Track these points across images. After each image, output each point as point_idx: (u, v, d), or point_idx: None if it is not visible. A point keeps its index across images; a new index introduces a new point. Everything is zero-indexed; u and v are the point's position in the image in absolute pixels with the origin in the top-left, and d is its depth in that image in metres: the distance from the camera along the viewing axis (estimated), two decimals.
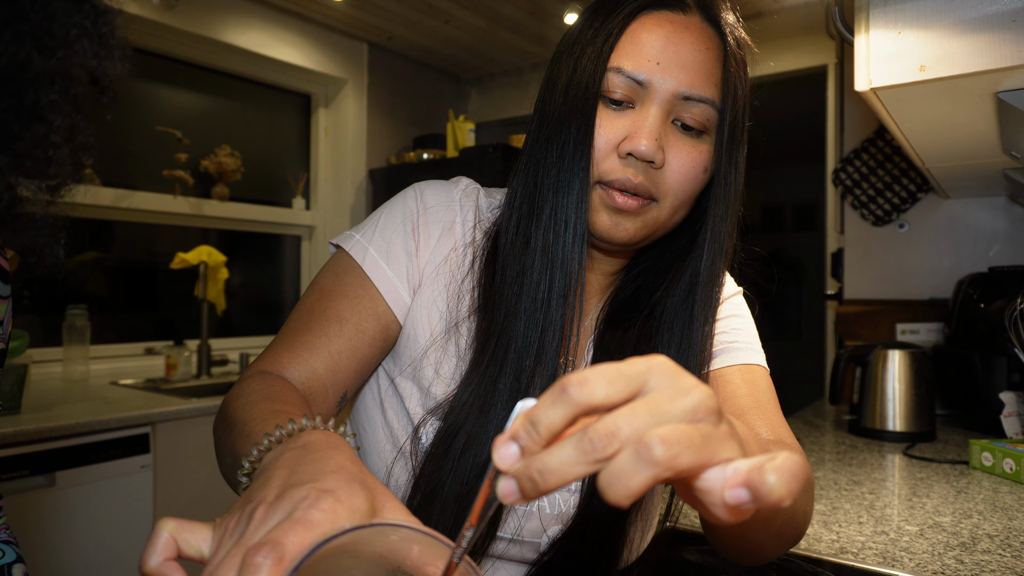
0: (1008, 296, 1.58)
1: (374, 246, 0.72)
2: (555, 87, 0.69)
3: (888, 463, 1.41)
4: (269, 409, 0.54)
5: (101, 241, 2.62)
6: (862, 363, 1.69)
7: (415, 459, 0.69)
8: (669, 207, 0.68)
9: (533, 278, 0.67)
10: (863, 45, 0.89)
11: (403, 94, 3.46)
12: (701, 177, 0.68)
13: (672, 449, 0.29)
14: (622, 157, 0.65)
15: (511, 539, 0.71)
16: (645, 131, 0.64)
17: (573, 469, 0.31)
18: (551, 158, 0.67)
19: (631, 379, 0.32)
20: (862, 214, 2.18)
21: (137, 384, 2.33)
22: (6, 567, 0.67)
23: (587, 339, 0.77)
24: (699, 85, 0.66)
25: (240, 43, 2.76)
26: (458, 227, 0.74)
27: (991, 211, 2.01)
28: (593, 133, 0.66)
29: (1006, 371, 1.60)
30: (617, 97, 0.66)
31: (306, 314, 0.70)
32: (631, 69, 0.65)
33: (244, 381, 0.64)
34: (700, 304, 0.71)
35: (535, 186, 0.69)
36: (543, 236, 0.67)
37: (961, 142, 1.26)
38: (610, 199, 0.66)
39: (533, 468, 0.31)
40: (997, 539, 0.97)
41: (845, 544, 0.96)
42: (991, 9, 0.79)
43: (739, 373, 0.75)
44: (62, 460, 1.68)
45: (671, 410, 0.31)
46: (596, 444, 0.30)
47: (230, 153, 2.82)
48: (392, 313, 0.72)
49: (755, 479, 0.30)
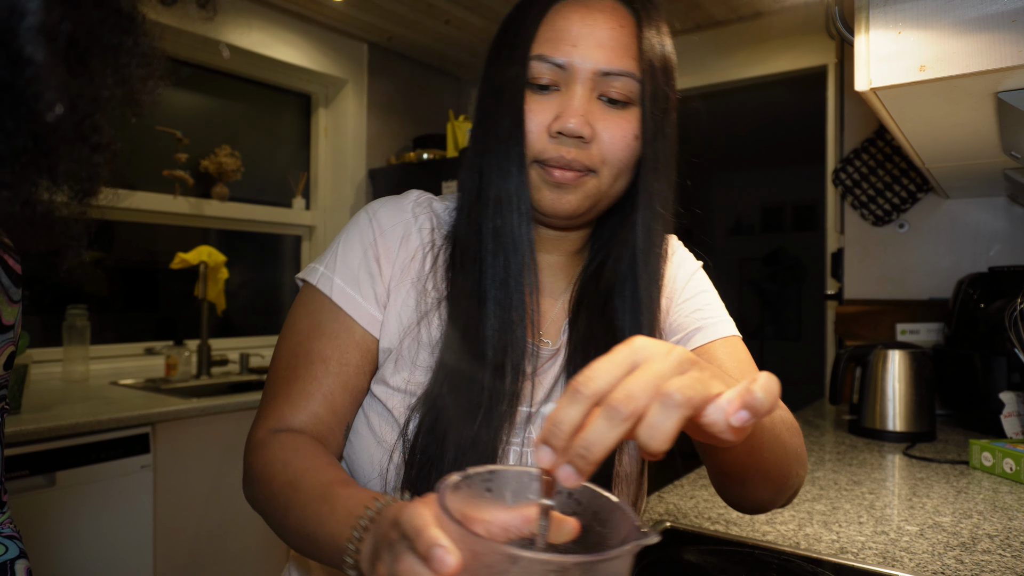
0: (1008, 296, 1.58)
1: (339, 275, 0.75)
2: (489, 83, 0.75)
3: (888, 463, 1.41)
4: (329, 491, 0.59)
5: (101, 241, 2.62)
6: (862, 363, 1.69)
7: (405, 457, 0.71)
8: (608, 176, 0.72)
9: (488, 261, 0.72)
10: (863, 45, 0.89)
11: (403, 94, 3.46)
12: (633, 145, 0.72)
13: (686, 392, 0.38)
14: (554, 136, 0.70)
15: None
16: (571, 110, 0.69)
17: (609, 434, 0.38)
18: (491, 147, 0.73)
19: (622, 362, 0.40)
20: (862, 214, 2.18)
21: (137, 384, 2.33)
22: (9, 563, 0.67)
23: (563, 320, 0.79)
24: (616, 60, 0.70)
25: (240, 43, 2.76)
26: (414, 235, 0.78)
27: (991, 211, 2.01)
28: (524, 118, 0.71)
29: (1006, 371, 1.60)
30: (544, 82, 0.71)
31: (292, 360, 0.74)
32: (551, 54, 0.70)
33: (266, 448, 0.68)
34: (642, 266, 0.75)
35: (480, 175, 0.74)
36: (492, 220, 0.72)
37: (961, 142, 1.26)
38: (548, 175, 0.71)
39: (578, 448, 0.38)
40: (997, 539, 0.97)
41: (845, 544, 0.96)
42: (991, 9, 0.79)
43: (721, 347, 0.81)
44: (62, 460, 1.68)
45: (663, 368, 0.40)
46: (619, 408, 0.38)
47: (230, 153, 2.82)
48: (369, 335, 0.75)
49: (748, 399, 0.39)
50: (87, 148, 0.34)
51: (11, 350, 0.69)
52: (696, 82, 3.33)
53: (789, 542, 0.96)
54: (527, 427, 0.76)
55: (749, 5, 2.99)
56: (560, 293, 0.81)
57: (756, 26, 3.13)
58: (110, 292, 2.66)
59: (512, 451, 0.74)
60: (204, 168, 2.78)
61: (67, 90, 0.31)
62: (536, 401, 0.76)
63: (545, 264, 0.81)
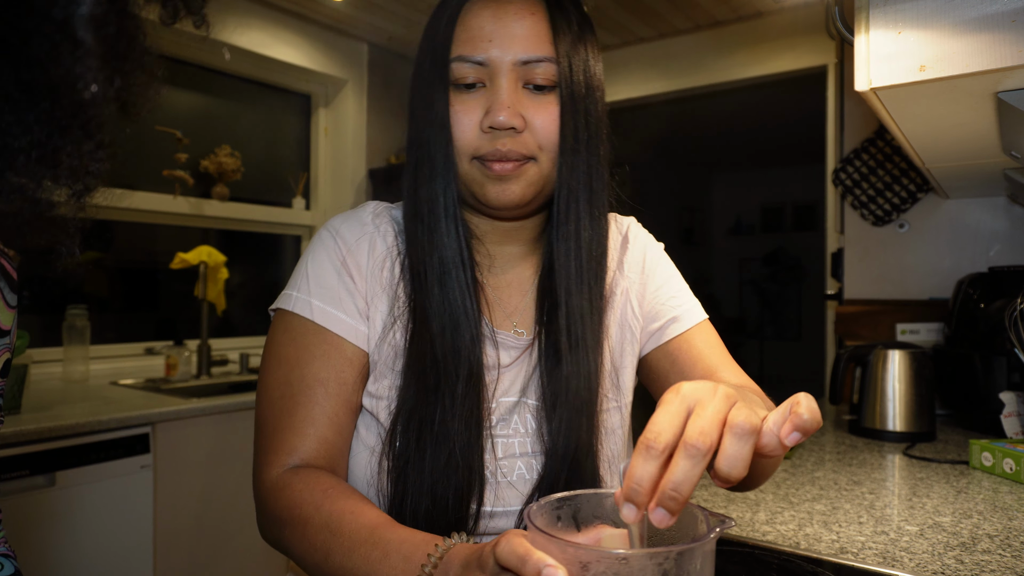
0: (1008, 296, 1.58)
1: (316, 297, 0.75)
2: (416, 88, 0.77)
3: (888, 463, 1.41)
4: (376, 536, 0.59)
5: (101, 241, 2.61)
6: (862, 363, 1.69)
7: (390, 464, 0.73)
8: (548, 161, 0.74)
9: (425, 261, 0.74)
10: (863, 45, 0.89)
11: (403, 94, 3.46)
12: None
13: (750, 420, 0.43)
14: (486, 132, 0.72)
15: (493, 512, 0.74)
16: (499, 103, 0.71)
17: (694, 472, 0.42)
18: (423, 152, 0.75)
19: (678, 411, 0.44)
20: (862, 214, 2.18)
21: (137, 384, 2.33)
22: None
23: (533, 310, 0.81)
24: (533, 48, 0.72)
25: (240, 43, 2.76)
26: (379, 244, 0.79)
27: (991, 211, 2.00)
28: (450, 120, 0.72)
29: (1006, 371, 1.60)
30: (469, 81, 0.73)
31: (286, 389, 0.73)
32: (470, 54, 0.72)
33: (288, 489, 0.67)
34: (574, 241, 0.76)
35: (415, 180, 0.76)
36: (426, 222, 0.75)
37: (961, 142, 1.26)
38: (488, 170, 0.72)
39: (667, 491, 0.42)
40: (997, 539, 0.97)
41: (845, 544, 0.96)
42: (991, 9, 0.79)
43: (697, 335, 0.84)
44: (62, 460, 1.68)
45: (719, 405, 0.44)
46: (698, 446, 0.42)
47: (230, 153, 2.82)
48: (359, 349, 0.76)
49: (798, 422, 0.44)
50: (92, 144, 0.34)
51: (7, 356, 0.69)
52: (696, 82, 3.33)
53: (789, 542, 0.96)
54: (513, 417, 0.76)
55: (749, 5, 3.00)
56: (529, 283, 0.82)
57: (756, 26, 3.13)
58: (110, 292, 2.66)
59: (500, 443, 0.75)
60: (204, 168, 2.78)
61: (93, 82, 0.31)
62: (516, 391, 0.77)
63: (508, 256, 0.82)
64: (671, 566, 0.41)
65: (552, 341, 0.76)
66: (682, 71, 3.37)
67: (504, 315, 0.80)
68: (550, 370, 0.76)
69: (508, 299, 0.81)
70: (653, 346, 0.85)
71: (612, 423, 0.80)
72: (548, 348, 0.77)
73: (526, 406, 0.77)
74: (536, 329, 0.79)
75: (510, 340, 0.79)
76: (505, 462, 0.75)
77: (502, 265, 0.82)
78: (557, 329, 0.76)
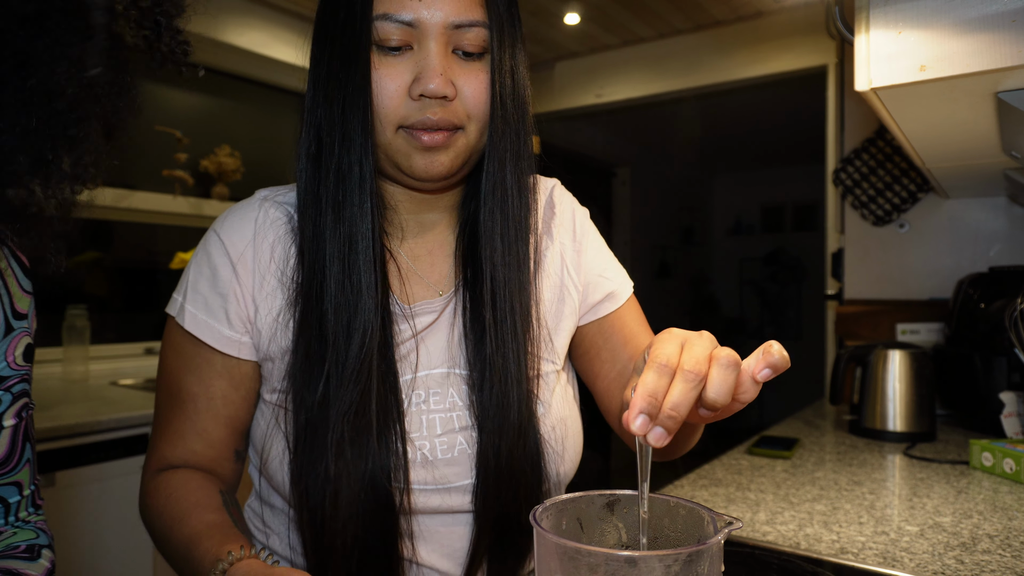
0: (1008, 296, 1.58)
1: (190, 303, 0.74)
2: (324, 47, 0.69)
3: (888, 463, 1.41)
4: (193, 532, 0.67)
5: (101, 241, 2.61)
6: (862, 363, 1.68)
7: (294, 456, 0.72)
8: (476, 130, 0.70)
9: (327, 238, 0.68)
10: (863, 45, 0.89)
11: None
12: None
13: (732, 355, 0.48)
14: (415, 99, 0.66)
15: (436, 488, 0.71)
16: (430, 70, 0.66)
17: (691, 394, 0.46)
18: (333, 116, 0.68)
19: (676, 343, 0.49)
20: (862, 214, 2.18)
21: (137, 384, 2.33)
22: (37, 547, 0.68)
23: (460, 273, 0.78)
24: (465, 10, 0.67)
25: (240, 43, 2.75)
26: (268, 231, 0.75)
27: (991, 211, 2.00)
28: (370, 84, 0.66)
29: (1006, 371, 1.60)
30: (394, 43, 0.66)
31: (167, 399, 0.76)
32: (396, 12, 0.66)
33: (149, 497, 0.74)
34: (499, 211, 0.73)
35: (319, 145, 0.70)
36: (332, 191, 0.68)
37: (961, 142, 1.26)
38: (417, 140, 0.67)
39: (667, 410, 0.46)
40: (997, 539, 0.97)
41: (845, 544, 0.96)
42: (991, 9, 0.79)
43: (627, 312, 0.84)
44: (62, 460, 1.68)
45: (705, 343, 0.49)
46: (694, 371, 0.46)
47: (230, 153, 2.82)
48: (232, 359, 0.74)
49: (769, 360, 0.48)
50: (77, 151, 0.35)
51: (28, 341, 0.68)
52: (696, 82, 3.33)
53: (789, 542, 0.96)
54: (447, 389, 0.73)
55: (749, 5, 3.00)
56: (451, 249, 0.79)
57: (756, 26, 3.13)
58: (110, 292, 2.66)
59: (438, 419, 0.72)
60: (204, 168, 2.78)
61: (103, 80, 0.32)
62: (443, 361, 0.74)
63: (429, 223, 0.79)
64: (679, 568, 0.41)
65: (477, 313, 0.73)
66: (682, 71, 3.37)
67: (423, 283, 0.77)
68: (475, 342, 0.73)
69: (429, 266, 0.78)
70: (589, 320, 0.83)
71: (551, 385, 0.78)
72: (473, 319, 0.74)
73: (459, 377, 0.74)
74: (456, 290, 0.77)
75: (426, 306, 0.75)
76: (445, 438, 0.72)
77: (419, 232, 0.79)
78: (482, 302, 0.73)
